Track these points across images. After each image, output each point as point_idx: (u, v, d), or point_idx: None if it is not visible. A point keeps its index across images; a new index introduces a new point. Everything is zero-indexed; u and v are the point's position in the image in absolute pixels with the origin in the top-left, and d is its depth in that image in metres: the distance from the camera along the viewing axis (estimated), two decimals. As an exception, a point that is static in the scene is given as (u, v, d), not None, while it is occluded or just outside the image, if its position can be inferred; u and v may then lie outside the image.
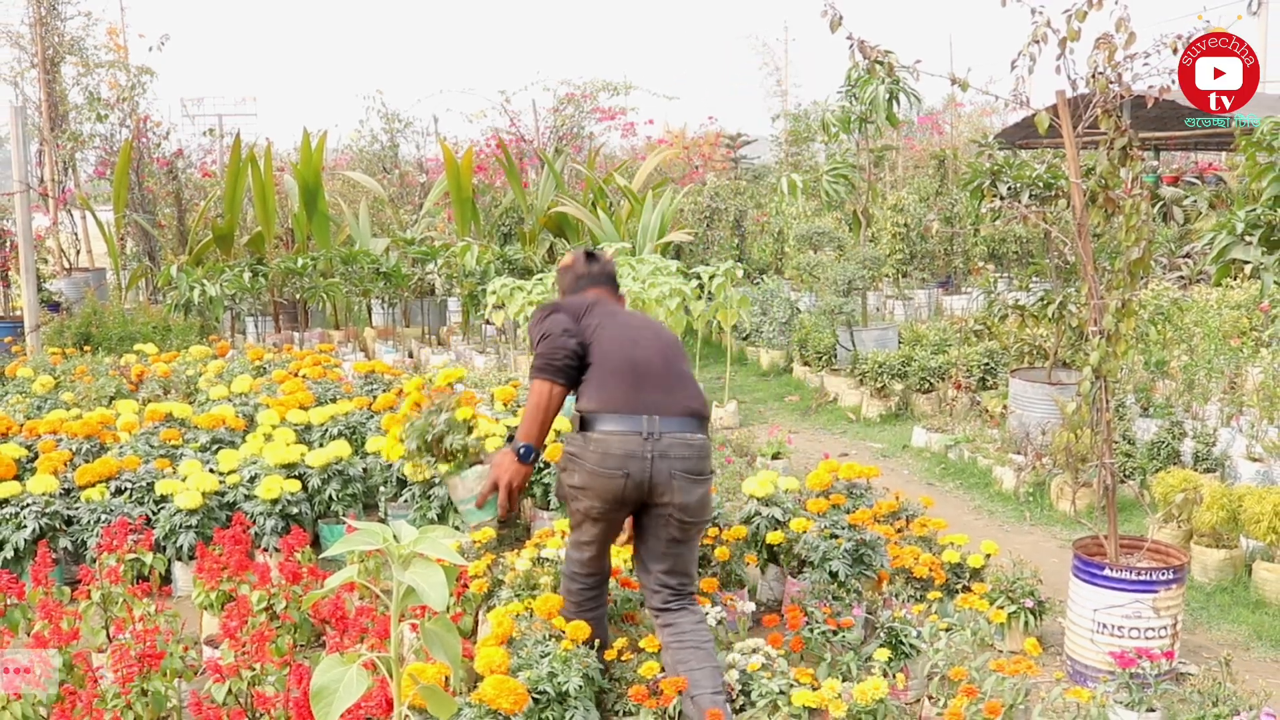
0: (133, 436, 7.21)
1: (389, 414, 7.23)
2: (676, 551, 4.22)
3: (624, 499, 4.12)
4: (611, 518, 4.23)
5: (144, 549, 5.50)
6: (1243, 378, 9.11)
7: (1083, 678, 4.83)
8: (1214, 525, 6.14)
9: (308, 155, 14.53)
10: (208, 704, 3.85)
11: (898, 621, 4.66)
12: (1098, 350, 4.85)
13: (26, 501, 6.05)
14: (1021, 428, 8.39)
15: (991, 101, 21.94)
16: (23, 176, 11.35)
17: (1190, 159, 22.96)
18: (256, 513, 6.13)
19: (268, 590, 4.85)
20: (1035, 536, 7.15)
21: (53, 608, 4.50)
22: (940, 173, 17.90)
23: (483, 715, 3.75)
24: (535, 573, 5.08)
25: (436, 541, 2.37)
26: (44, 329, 11.70)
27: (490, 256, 13.21)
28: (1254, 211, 4.72)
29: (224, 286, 12.94)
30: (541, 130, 18.43)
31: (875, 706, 4.14)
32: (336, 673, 2.36)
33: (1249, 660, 5.31)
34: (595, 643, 4.20)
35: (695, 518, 4.19)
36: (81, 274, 14.83)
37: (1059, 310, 8.26)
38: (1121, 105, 4.86)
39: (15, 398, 8.66)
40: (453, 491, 4.65)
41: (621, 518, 4.30)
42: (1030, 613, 5.23)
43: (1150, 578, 4.71)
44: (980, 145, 8.07)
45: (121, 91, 15.94)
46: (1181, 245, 15.02)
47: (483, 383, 9.93)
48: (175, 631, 4.57)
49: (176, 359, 10.03)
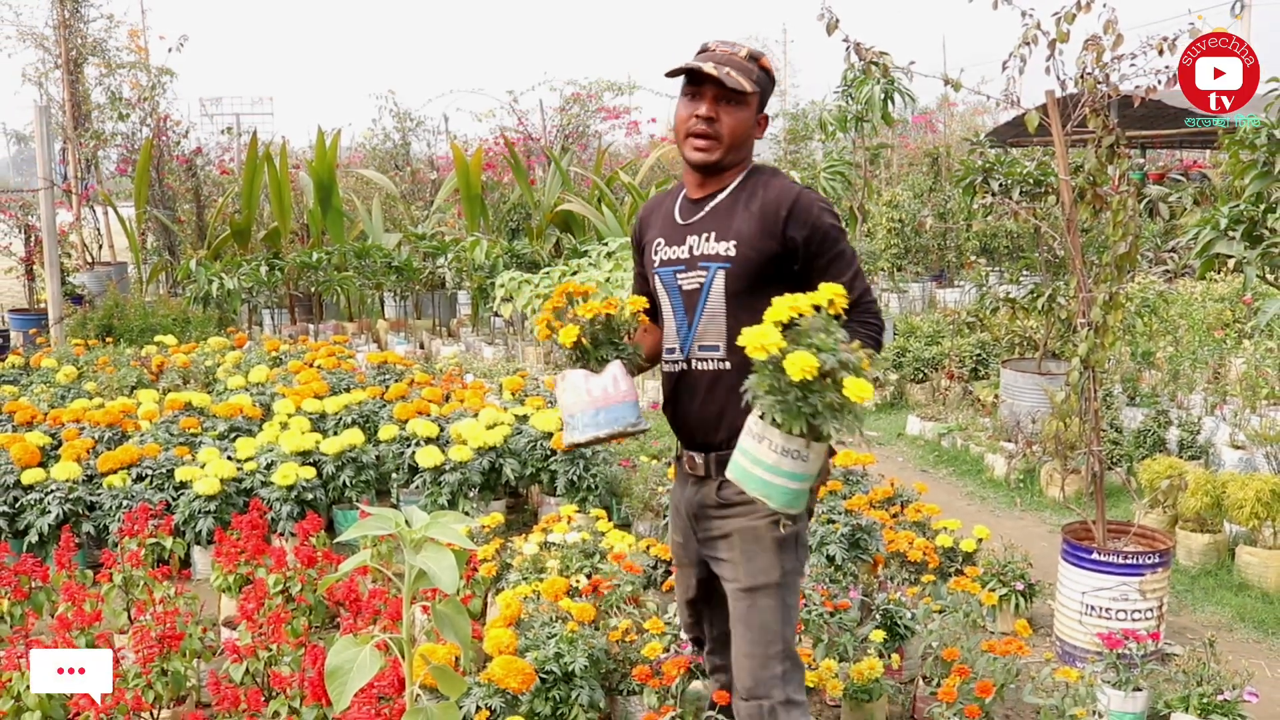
0: (153, 425, 7.21)
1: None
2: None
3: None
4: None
5: (164, 534, 5.51)
6: (1226, 368, 9.11)
7: (1071, 658, 4.82)
8: (1198, 511, 6.14)
9: (322, 153, 14.52)
10: (226, 683, 3.85)
11: (893, 604, 4.66)
12: (1086, 341, 4.84)
13: (51, 488, 6.06)
14: (1012, 416, 8.38)
15: (983, 101, 21.84)
16: (47, 174, 11.36)
17: (1175, 157, 22.94)
18: (273, 498, 6.13)
19: (284, 573, 4.85)
20: (1026, 522, 7.14)
21: (76, 590, 4.50)
22: (934, 170, 17.89)
23: (491, 694, 3.76)
24: (542, 556, 5.08)
25: (447, 526, 2.37)
26: (68, 321, 11.71)
27: (499, 251, 13.21)
28: (1237, 207, 4.70)
29: (241, 280, 12.94)
30: (548, 129, 18.42)
31: (871, 685, 4.15)
32: (350, 653, 2.35)
33: (1232, 641, 5.30)
34: (600, 624, 4.19)
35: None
36: (104, 268, 14.82)
37: (1048, 303, 8.25)
38: (1109, 105, 4.84)
39: (40, 387, 8.66)
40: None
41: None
42: (1021, 595, 5.23)
43: (1137, 561, 4.71)
44: (972, 143, 8.03)
45: (142, 91, 15.93)
46: (1167, 240, 14.97)
47: (491, 373, 9.94)
48: (194, 613, 4.56)
49: (195, 350, 10.03)
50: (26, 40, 15.34)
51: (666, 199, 3.21)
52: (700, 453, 3.10)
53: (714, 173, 3.02)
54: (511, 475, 6.59)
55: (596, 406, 2.91)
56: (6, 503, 6.02)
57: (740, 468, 2.68)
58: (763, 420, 2.61)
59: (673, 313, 3.09)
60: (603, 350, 3.00)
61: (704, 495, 3.11)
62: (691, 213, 3.07)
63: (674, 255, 3.06)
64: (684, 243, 3.04)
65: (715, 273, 2.97)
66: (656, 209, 3.24)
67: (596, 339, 3.01)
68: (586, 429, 2.94)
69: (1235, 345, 9.69)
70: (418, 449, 6.57)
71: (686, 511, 3.20)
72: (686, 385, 3.08)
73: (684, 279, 3.03)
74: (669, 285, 3.07)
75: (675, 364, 3.10)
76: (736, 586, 3.03)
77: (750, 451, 2.66)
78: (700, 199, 3.05)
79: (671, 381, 3.14)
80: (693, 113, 2.92)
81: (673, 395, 3.14)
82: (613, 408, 2.92)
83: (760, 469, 2.63)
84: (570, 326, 2.97)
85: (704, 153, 2.94)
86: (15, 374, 9.55)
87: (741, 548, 3.03)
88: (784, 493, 2.64)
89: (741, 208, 2.98)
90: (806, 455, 2.61)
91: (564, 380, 2.98)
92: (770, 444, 2.60)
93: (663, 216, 3.17)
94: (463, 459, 6.45)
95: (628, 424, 2.94)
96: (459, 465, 6.47)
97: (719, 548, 3.10)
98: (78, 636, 4.16)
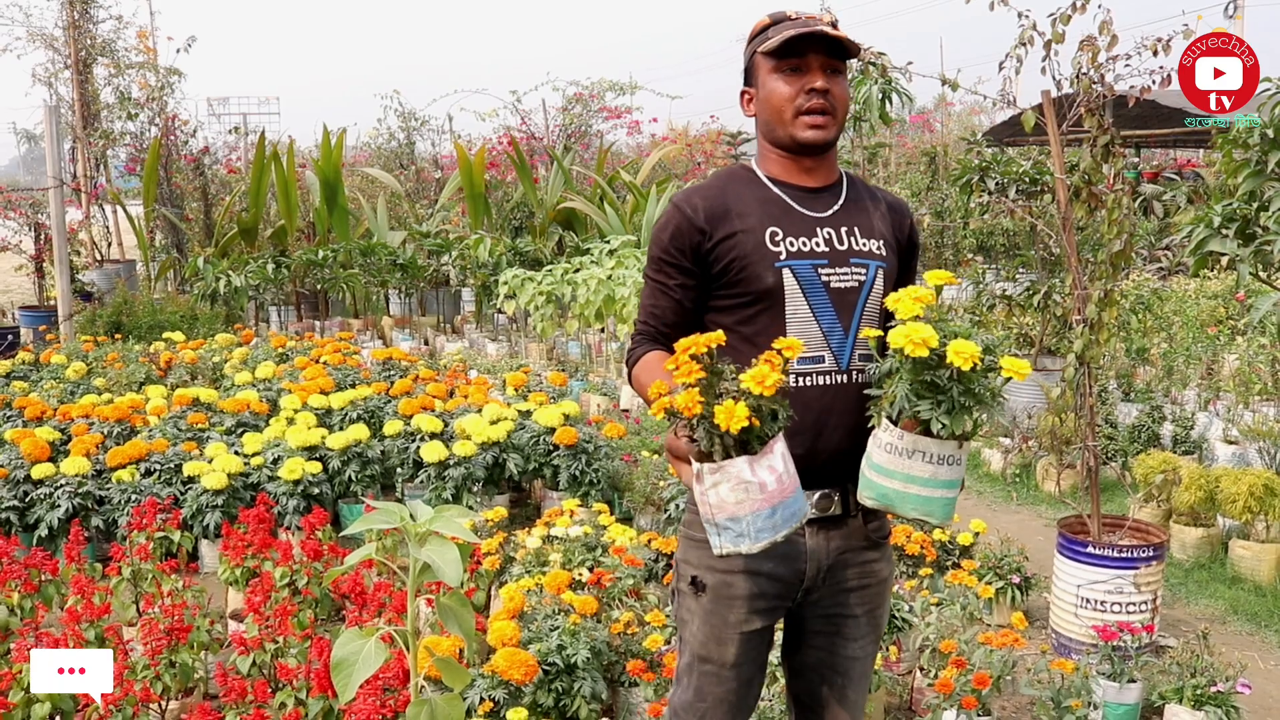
0: (161, 420, 7.21)
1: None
2: None
3: None
4: None
5: (172, 527, 5.51)
6: (1219, 364, 9.11)
7: (1067, 650, 4.82)
8: (1192, 505, 6.13)
9: (328, 152, 14.52)
10: (233, 675, 3.85)
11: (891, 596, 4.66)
12: (1081, 338, 4.83)
13: (60, 482, 6.05)
14: (1009, 412, 8.38)
15: (980, 101, 21.86)
16: (57, 172, 11.36)
17: (1169, 156, 22.89)
18: (279, 493, 6.13)
19: (290, 567, 4.85)
20: (1022, 516, 7.14)
21: (85, 583, 4.50)
22: (931, 169, 17.87)
23: (495, 685, 3.75)
24: (545, 550, 5.09)
25: (451, 520, 2.36)
26: (77, 318, 11.71)
27: (502, 249, 13.21)
28: (1230, 206, 4.69)
29: (248, 277, 12.94)
30: (551, 128, 18.42)
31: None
32: (356, 645, 2.35)
33: (1225, 633, 5.30)
34: (602, 617, 4.18)
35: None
36: (113, 265, 14.84)
37: (1044, 300, 8.24)
38: (1104, 104, 4.84)
39: (49, 383, 8.66)
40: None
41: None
42: (1017, 588, 5.23)
43: (1131, 555, 4.70)
44: (969, 143, 8.02)
45: (151, 91, 15.95)
46: (1161, 238, 14.97)
47: (495, 369, 9.94)
48: (202, 606, 4.56)
49: (203, 346, 10.04)
50: (37, 41, 15.36)
51: (734, 186, 2.59)
52: (836, 488, 2.50)
53: (824, 154, 2.58)
54: (515, 470, 6.59)
55: (773, 504, 2.14)
56: (17, 497, 6.02)
57: (888, 490, 2.26)
58: (910, 431, 2.23)
59: (812, 315, 2.48)
60: (767, 425, 2.14)
61: (848, 539, 2.53)
62: (819, 203, 2.56)
63: (809, 248, 2.50)
64: (815, 235, 2.52)
65: (875, 271, 2.53)
66: (727, 197, 2.55)
67: (760, 412, 2.12)
68: (761, 534, 2.14)
69: (1228, 342, 9.68)
70: (422, 444, 6.57)
71: (815, 570, 2.51)
72: (844, 401, 2.45)
73: (831, 275, 2.49)
74: (807, 281, 2.47)
75: (824, 375, 2.46)
76: (869, 641, 2.61)
77: (898, 470, 2.24)
78: (819, 188, 2.58)
79: (814, 399, 2.45)
80: (801, 87, 2.48)
81: (816, 418, 2.45)
82: (789, 501, 2.16)
83: (917, 485, 2.24)
84: (732, 405, 2.07)
85: (822, 129, 2.49)
86: (25, 370, 9.56)
87: (885, 598, 2.63)
88: (946, 505, 2.28)
89: (870, 205, 2.62)
90: (960, 458, 2.26)
91: (720, 474, 2.13)
92: (924, 455, 2.22)
93: (758, 205, 2.54)
94: (467, 454, 6.45)
95: (803, 516, 2.21)
96: (463, 460, 6.46)
97: (849, 602, 2.57)
98: (87, 629, 4.16)
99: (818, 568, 2.49)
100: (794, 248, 2.48)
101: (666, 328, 2.53)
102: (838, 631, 2.57)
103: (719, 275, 2.50)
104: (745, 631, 2.50)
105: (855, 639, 2.58)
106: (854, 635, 2.57)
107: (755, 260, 2.47)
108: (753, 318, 2.48)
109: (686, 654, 2.56)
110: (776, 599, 2.51)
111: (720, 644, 2.50)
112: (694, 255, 2.50)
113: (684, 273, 2.52)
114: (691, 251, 2.50)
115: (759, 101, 2.56)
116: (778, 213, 2.52)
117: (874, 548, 2.57)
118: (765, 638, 2.57)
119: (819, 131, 2.49)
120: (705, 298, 2.54)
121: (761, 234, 2.48)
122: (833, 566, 2.51)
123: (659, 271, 2.55)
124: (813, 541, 2.48)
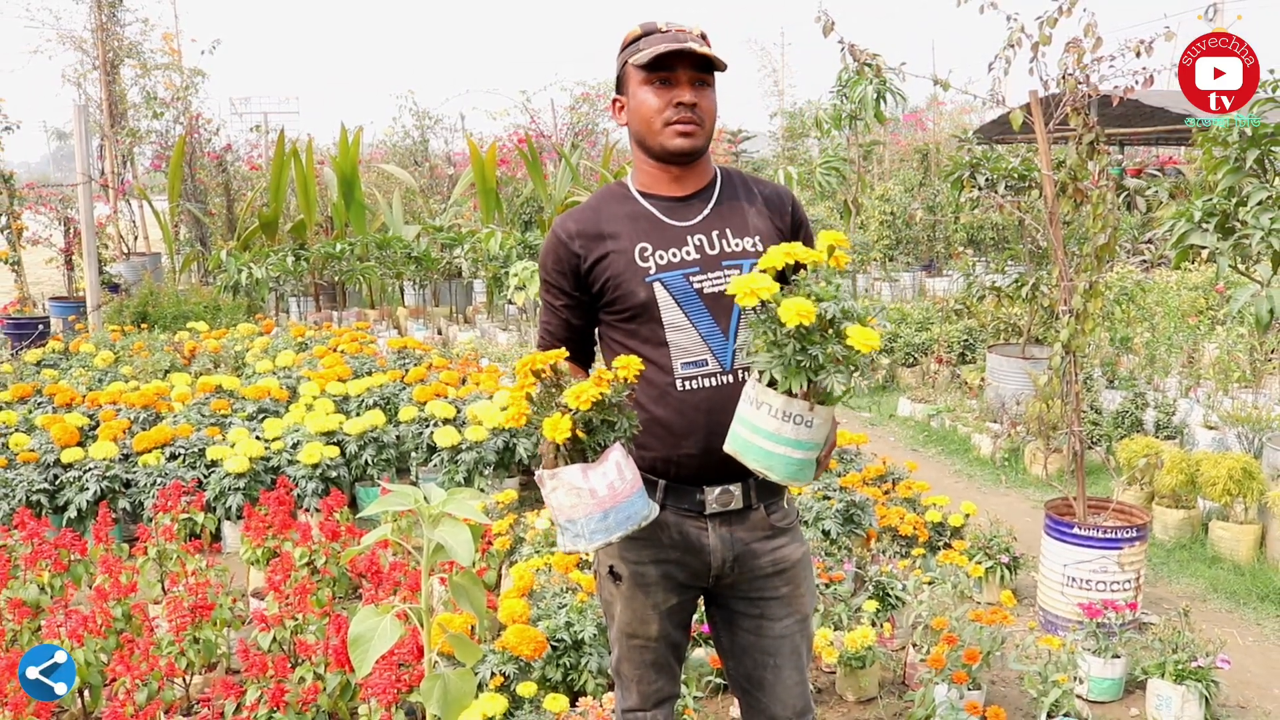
0: (185, 407, 7.21)
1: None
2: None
3: None
4: None
5: (196, 509, 5.51)
6: (1200, 353, 9.09)
7: (1054, 627, 4.82)
8: (1174, 488, 6.12)
9: (345, 149, 14.49)
10: (254, 650, 3.85)
11: (885, 576, 4.65)
12: (1067, 328, 4.82)
13: (89, 466, 6.06)
14: (998, 398, 8.37)
15: (971, 100, 21.79)
16: (85, 169, 11.35)
17: (1152, 153, 22.83)
18: (299, 476, 6.13)
19: (309, 547, 4.85)
20: (1010, 498, 7.13)
21: (113, 563, 4.51)
22: (923, 165, 17.84)
23: (505, 661, 3.76)
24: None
25: (464, 502, 2.36)
26: (105, 308, 11.72)
27: (512, 242, 13.18)
28: (1210, 201, 4.67)
29: (269, 270, 12.93)
30: (559, 127, 18.38)
31: (864, 653, 4.15)
32: (372, 622, 2.35)
33: (1206, 611, 5.29)
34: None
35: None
36: (139, 258, 14.86)
37: (1032, 291, 8.23)
38: (1089, 104, 4.82)
39: (78, 371, 8.66)
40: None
41: None
42: (1006, 568, 5.23)
43: (1115, 536, 4.70)
44: (960, 140, 8.00)
45: (176, 91, 15.94)
46: (1144, 232, 14.97)
47: (505, 357, 9.94)
48: (224, 585, 4.57)
49: (226, 336, 10.04)
50: (66, 43, 15.38)
51: (607, 205, 2.60)
52: (736, 483, 2.51)
53: (694, 163, 2.57)
54: (524, 454, 6.58)
55: (604, 508, 2.22)
56: (47, 480, 6.02)
57: (740, 438, 2.25)
58: (759, 382, 2.20)
59: (690, 322, 2.47)
60: (599, 435, 2.25)
61: (751, 530, 2.54)
62: (688, 211, 2.56)
63: (679, 258, 2.49)
64: (685, 244, 2.51)
65: (750, 269, 2.46)
66: (600, 218, 2.57)
67: (590, 424, 2.24)
68: (595, 535, 2.23)
69: (1209, 331, 9.66)
70: (436, 429, 6.57)
71: (720, 561, 2.53)
72: (733, 401, 2.35)
73: (704, 281, 2.48)
74: (680, 292, 2.47)
75: (709, 378, 2.46)
76: (793, 620, 2.61)
77: (749, 419, 2.22)
78: (687, 196, 2.57)
79: (702, 401, 2.46)
80: (670, 100, 2.48)
81: (706, 418, 2.46)
82: (622, 505, 2.22)
83: (760, 437, 2.20)
84: (558, 418, 2.20)
85: (690, 139, 2.49)
86: (55, 358, 9.56)
87: (802, 576, 2.62)
88: (787, 463, 2.21)
89: (744, 203, 2.60)
90: (810, 420, 2.18)
91: (555, 480, 2.25)
92: (770, 409, 2.18)
93: (628, 222, 2.55)
94: (478, 439, 6.45)
95: (641, 519, 2.26)
96: (475, 445, 6.47)
97: (767, 586, 2.58)
98: (114, 606, 4.17)
99: (723, 559, 2.54)
100: (664, 260, 2.50)
101: (559, 342, 2.59)
102: (762, 614, 2.60)
103: (599, 294, 2.54)
104: (665, 609, 2.60)
105: (779, 619, 2.60)
106: (777, 615, 2.60)
107: (628, 277, 2.50)
108: (636, 330, 2.51)
109: (614, 629, 2.66)
110: (690, 580, 2.59)
111: (644, 622, 2.60)
112: (573, 278, 2.56)
113: (565, 294, 2.58)
114: (571, 275, 2.56)
115: (630, 111, 2.57)
116: (647, 227, 2.54)
117: (780, 534, 2.58)
118: (687, 608, 2.66)
119: (687, 140, 2.50)
120: (593, 312, 2.60)
121: (632, 251, 2.51)
122: (740, 556, 2.54)
123: (547, 292, 2.63)
124: (715, 536, 2.53)
